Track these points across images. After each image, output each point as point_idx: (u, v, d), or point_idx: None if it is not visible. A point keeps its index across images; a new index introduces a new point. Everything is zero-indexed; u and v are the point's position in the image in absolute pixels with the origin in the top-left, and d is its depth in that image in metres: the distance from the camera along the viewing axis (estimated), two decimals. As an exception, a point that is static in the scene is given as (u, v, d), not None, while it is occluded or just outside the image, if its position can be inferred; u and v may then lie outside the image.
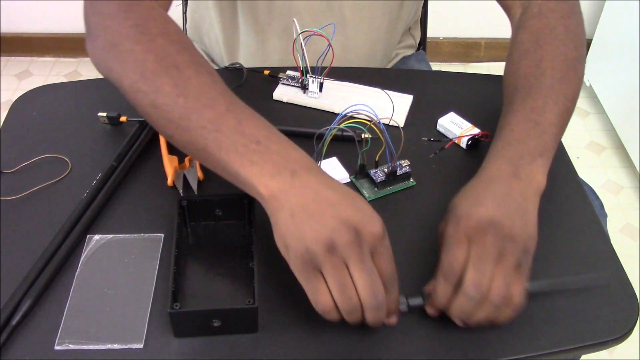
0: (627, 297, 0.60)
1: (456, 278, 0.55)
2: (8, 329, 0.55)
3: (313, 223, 0.51)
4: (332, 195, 0.52)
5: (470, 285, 0.53)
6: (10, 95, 1.94)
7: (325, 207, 0.51)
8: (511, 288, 0.54)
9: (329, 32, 0.73)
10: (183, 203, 0.62)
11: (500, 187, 0.58)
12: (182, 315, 0.54)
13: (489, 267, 0.54)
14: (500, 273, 0.54)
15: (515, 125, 0.64)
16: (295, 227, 0.51)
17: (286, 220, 0.52)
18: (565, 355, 0.57)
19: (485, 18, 2.04)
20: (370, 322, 0.53)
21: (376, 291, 0.51)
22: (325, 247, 0.50)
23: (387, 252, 0.53)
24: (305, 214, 0.51)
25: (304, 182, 0.53)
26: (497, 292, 0.54)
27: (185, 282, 0.59)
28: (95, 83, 0.84)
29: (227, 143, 0.55)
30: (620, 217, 1.62)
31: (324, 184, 0.53)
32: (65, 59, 2.09)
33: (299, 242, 0.51)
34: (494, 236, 0.54)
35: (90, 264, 0.61)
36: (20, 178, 0.69)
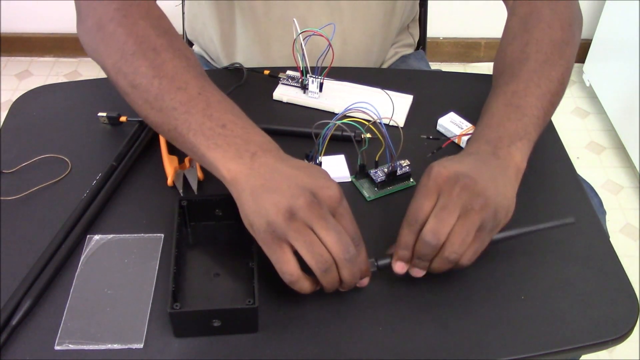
0: (627, 297, 0.60)
1: (419, 226, 0.56)
2: (8, 329, 0.55)
3: (271, 196, 0.52)
4: (289, 170, 0.55)
5: (427, 232, 0.55)
6: (10, 95, 1.94)
7: (282, 181, 0.53)
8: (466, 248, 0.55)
9: (329, 32, 0.73)
10: (183, 203, 0.62)
11: (480, 158, 0.59)
12: (182, 316, 0.54)
13: (450, 218, 0.54)
14: (460, 228, 0.54)
15: (496, 109, 0.64)
16: (255, 204, 0.53)
17: (247, 200, 0.54)
18: (565, 355, 0.57)
19: (485, 18, 2.04)
20: (346, 280, 0.54)
21: (346, 244, 0.53)
22: (285, 215, 0.51)
23: (347, 213, 0.55)
24: (263, 190, 0.53)
25: (262, 162, 0.55)
26: (451, 250, 0.55)
27: (185, 282, 0.59)
28: (95, 83, 0.84)
29: (195, 125, 0.57)
30: (620, 217, 1.62)
31: (282, 162, 0.56)
32: (65, 59, 2.09)
33: (260, 216, 0.52)
34: (462, 188, 0.55)
35: (90, 264, 0.61)
36: (20, 178, 0.69)
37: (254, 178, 0.54)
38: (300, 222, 0.52)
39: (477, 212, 0.54)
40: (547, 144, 0.76)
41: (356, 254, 0.54)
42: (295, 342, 0.56)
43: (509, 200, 0.57)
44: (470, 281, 0.61)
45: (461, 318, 0.58)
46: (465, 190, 0.55)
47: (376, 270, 0.59)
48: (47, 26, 2.04)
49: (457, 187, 0.55)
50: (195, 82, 0.60)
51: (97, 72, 0.67)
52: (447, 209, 0.55)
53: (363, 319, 0.58)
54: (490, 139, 0.61)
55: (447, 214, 0.55)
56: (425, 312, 0.58)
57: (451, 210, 0.55)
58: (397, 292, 0.60)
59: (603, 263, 0.63)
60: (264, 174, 0.54)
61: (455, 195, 0.55)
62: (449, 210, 0.55)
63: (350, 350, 0.56)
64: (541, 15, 0.70)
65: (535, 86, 0.65)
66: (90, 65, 2.04)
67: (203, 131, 0.57)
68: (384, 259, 0.59)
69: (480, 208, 0.54)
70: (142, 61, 0.61)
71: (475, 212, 0.54)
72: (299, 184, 0.53)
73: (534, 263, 0.63)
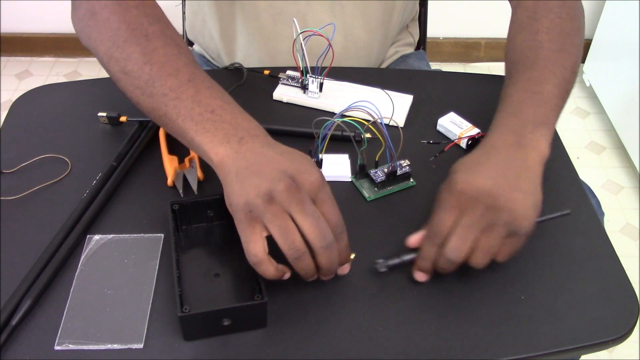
0: (627, 297, 0.60)
1: (440, 240, 0.57)
2: (8, 329, 0.55)
3: (253, 178, 0.53)
4: (274, 154, 0.56)
5: (450, 249, 0.56)
6: (10, 95, 1.94)
7: (265, 165, 0.54)
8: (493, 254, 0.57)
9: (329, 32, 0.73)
10: (175, 207, 0.62)
11: (502, 156, 0.59)
12: (192, 318, 0.53)
13: (473, 235, 0.56)
14: (486, 242, 0.56)
15: (515, 96, 0.65)
16: (238, 185, 0.54)
17: (232, 181, 0.55)
18: (565, 355, 0.57)
19: (485, 18, 2.04)
20: (322, 267, 0.55)
21: (323, 231, 0.53)
22: (264, 197, 0.52)
23: (329, 199, 0.55)
24: (247, 172, 0.54)
25: (249, 147, 0.56)
26: (477, 262, 0.57)
27: (187, 285, 0.59)
28: (95, 83, 0.84)
29: (185, 111, 0.59)
30: (620, 217, 1.62)
31: (268, 147, 0.57)
32: (65, 59, 2.09)
33: (240, 196, 0.53)
34: (485, 207, 0.56)
35: (90, 264, 0.61)
36: (20, 178, 0.69)
37: (239, 161, 0.55)
38: (278, 206, 0.52)
39: (502, 226, 0.56)
40: (547, 144, 0.76)
41: (333, 241, 0.54)
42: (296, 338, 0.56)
43: (535, 197, 0.58)
44: (471, 281, 0.61)
45: (461, 318, 0.58)
46: (490, 210, 0.56)
47: (386, 271, 0.60)
48: (47, 26, 2.04)
49: (481, 206, 0.56)
50: (185, 69, 0.61)
51: (97, 72, 0.67)
52: (471, 227, 0.56)
53: (363, 319, 0.58)
54: (513, 127, 0.62)
55: (470, 232, 0.56)
56: (425, 312, 0.58)
57: (474, 229, 0.56)
58: (397, 292, 0.60)
59: (603, 263, 0.63)
60: (249, 158, 0.55)
61: (478, 215, 0.56)
62: (472, 229, 0.56)
63: (351, 350, 0.56)
64: (550, 6, 0.71)
65: (551, 74, 0.66)
66: (90, 65, 2.04)
67: (192, 116, 0.58)
68: (394, 260, 0.60)
69: (505, 222, 0.56)
70: (134, 47, 0.62)
71: (501, 226, 0.56)
72: (281, 169, 0.54)
73: (534, 263, 0.63)
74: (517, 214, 0.56)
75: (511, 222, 0.56)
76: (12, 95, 1.94)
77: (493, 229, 0.56)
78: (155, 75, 0.61)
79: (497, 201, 0.56)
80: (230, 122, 0.58)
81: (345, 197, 0.69)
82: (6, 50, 2.08)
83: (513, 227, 0.56)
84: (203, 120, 0.58)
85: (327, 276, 0.57)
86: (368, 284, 0.60)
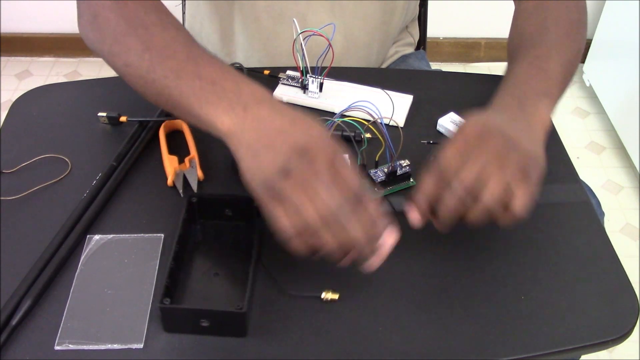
0: (627, 297, 0.60)
1: (446, 176, 0.54)
2: (8, 329, 0.55)
3: (267, 153, 0.53)
4: (283, 123, 0.54)
5: (457, 180, 0.53)
6: (10, 95, 1.94)
7: (276, 136, 0.53)
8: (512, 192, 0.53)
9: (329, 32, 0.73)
10: (193, 200, 0.62)
11: (507, 115, 0.60)
12: (170, 311, 0.54)
13: (482, 167, 0.53)
14: (499, 175, 0.53)
15: (520, 70, 0.66)
16: (252, 161, 0.53)
17: (245, 156, 0.54)
18: (565, 355, 0.57)
19: (485, 18, 2.04)
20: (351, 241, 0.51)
21: (340, 202, 0.51)
22: (281, 174, 0.51)
23: (345, 165, 0.53)
24: (259, 145, 0.53)
25: (255, 115, 0.55)
26: (490, 196, 0.53)
27: (184, 279, 0.59)
28: (95, 83, 0.84)
29: (187, 88, 0.58)
30: (620, 217, 1.62)
31: (275, 112, 0.55)
32: (65, 59, 2.09)
33: (257, 174, 0.53)
34: (498, 144, 0.54)
35: (90, 264, 0.61)
36: (20, 178, 0.69)
37: (248, 132, 0.55)
38: (295, 181, 0.51)
39: (516, 164, 0.54)
40: (547, 144, 0.76)
41: (352, 211, 0.51)
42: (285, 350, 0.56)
43: (541, 150, 0.57)
44: (470, 281, 0.61)
45: (461, 318, 0.58)
46: (502, 147, 0.54)
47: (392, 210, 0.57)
48: (47, 26, 2.04)
49: (493, 143, 0.54)
50: (183, 48, 0.61)
51: (97, 72, 0.67)
52: (482, 163, 0.54)
53: (363, 319, 0.58)
54: (515, 95, 0.62)
55: (481, 167, 0.53)
56: (425, 312, 0.58)
57: (486, 165, 0.53)
58: (397, 292, 0.60)
59: (603, 263, 0.63)
60: (258, 128, 0.54)
61: (491, 152, 0.54)
62: (484, 165, 0.53)
63: (351, 351, 0.56)
64: None
65: (557, 53, 0.67)
66: (90, 65, 2.04)
67: (194, 92, 0.58)
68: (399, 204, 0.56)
69: (518, 161, 0.54)
70: (133, 38, 0.62)
71: (514, 164, 0.54)
72: (293, 142, 0.52)
73: (534, 263, 0.63)
74: (530, 154, 0.55)
75: (524, 162, 0.54)
76: (12, 95, 1.94)
77: (507, 167, 0.53)
78: (155, 60, 0.61)
79: (509, 140, 0.54)
80: (232, 91, 0.57)
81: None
82: (6, 50, 2.08)
83: (525, 165, 0.54)
84: (205, 93, 0.57)
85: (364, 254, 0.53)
86: (367, 284, 0.60)
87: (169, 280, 0.56)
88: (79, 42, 0.69)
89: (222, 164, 0.71)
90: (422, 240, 0.64)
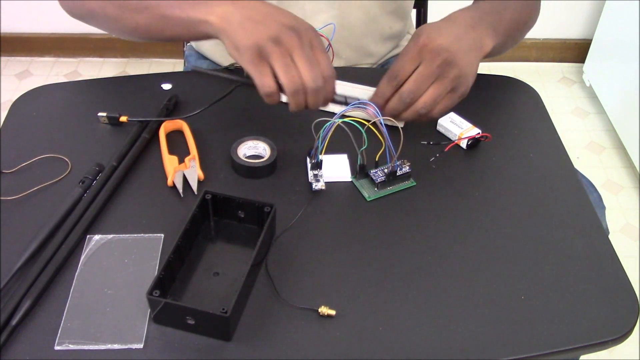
0: (627, 297, 0.60)
1: (397, 83, 0.68)
2: (8, 329, 0.55)
3: (261, 27, 0.62)
4: (271, 9, 0.64)
5: (406, 91, 0.67)
6: (10, 95, 1.94)
7: (267, 16, 0.63)
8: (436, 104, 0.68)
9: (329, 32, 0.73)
10: (207, 197, 0.62)
11: (460, 29, 0.70)
12: (158, 304, 0.54)
13: (427, 83, 0.67)
14: (434, 90, 0.67)
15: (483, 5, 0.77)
16: (245, 31, 0.62)
17: (236, 29, 0.63)
18: (565, 355, 0.57)
19: (485, 18, 2.04)
20: (310, 104, 0.65)
21: (316, 75, 0.63)
22: (273, 40, 0.61)
23: (322, 47, 0.65)
24: (252, 22, 0.62)
25: (241, 3, 0.64)
26: (423, 104, 0.68)
27: (184, 274, 0.59)
28: (95, 83, 0.84)
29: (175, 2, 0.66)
30: (620, 217, 1.62)
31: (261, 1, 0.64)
32: (65, 59, 2.09)
33: (249, 39, 0.62)
34: (442, 60, 0.66)
35: (90, 264, 0.61)
36: (20, 178, 0.69)
37: (240, 13, 0.63)
38: (284, 48, 0.62)
39: (451, 80, 0.67)
40: (547, 144, 0.76)
41: (323, 85, 0.64)
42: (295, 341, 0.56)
43: (475, 70, 0.70)
44: (470, 281, 0.61)
45: (461, 318, 0.58)
46: (445, 63, 0.66)
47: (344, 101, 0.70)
48: (47, 26, 2.04)
49: (439, 59, 0.66)
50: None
51: (97, 72, 0.67)
52: (426, 76, 0.67)
53: (363, 319, 0.58)
54: (472, 15, 0.73)
55: (424, 80, 0.67)
56: (425, 312, 0.58)
57: (429, 77, 0.67)
58: (397, 292, 0.60)
59: (603, 263, 0.63)
60: (249, 9, 0.63)
61: (435, 67, 0.66)
62: (427, 77, 0.67)
63: (350, 351, 0.56)
64: None
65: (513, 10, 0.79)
66: (90, 65, 2.04)
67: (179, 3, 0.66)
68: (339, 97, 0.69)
69: (454, 77, 0.67)
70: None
71: (449, 80, 0.67)
72: (281, 20, 0.62)
73: (534, 263, 0.63)
74: (465, 73, 0.68)
75: (458, 78, 0.67)
76: (12, 95, 1.94)
77: (443, 81, 0.67)
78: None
79: (453, 57, 0.66)
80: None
81: (345, 197, 0.69)
82: (6, 50, 2.08)
83: (458, 83, 0.68)
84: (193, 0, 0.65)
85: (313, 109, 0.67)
86: (368, 284, 0.60)
87: (165, 272, 0.56)
88: (79, 42, 0.70)
89: (222, 164, 0.71)
90: (423, 241, 0.64)
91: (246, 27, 0.62)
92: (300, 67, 0.62)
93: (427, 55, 0.66)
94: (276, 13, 0.63)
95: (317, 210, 0.67)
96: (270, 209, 0.61)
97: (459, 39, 0.68)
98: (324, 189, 0.68)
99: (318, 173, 0.69)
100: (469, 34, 0.70)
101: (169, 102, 0.78)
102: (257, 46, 0.61)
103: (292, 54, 0.62)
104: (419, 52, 0.67)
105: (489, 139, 0.75)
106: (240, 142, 0.72)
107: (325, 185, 0.69)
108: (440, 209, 0.68)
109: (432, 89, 0.67)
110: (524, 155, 0.75)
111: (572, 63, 2.09)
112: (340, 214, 0.67)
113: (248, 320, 0.57)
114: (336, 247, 0.64)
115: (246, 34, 0.62)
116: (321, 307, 0.58)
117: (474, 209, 0.68)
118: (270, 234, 0.63)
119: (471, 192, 0.70)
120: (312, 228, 0.65)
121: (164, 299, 0.54)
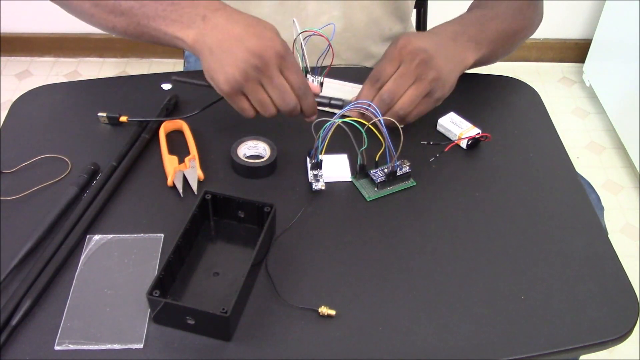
0: (627, 297, 0.60)
1: (379, 85, 0.71)
2: (8, 329, 0.55)
3: (227, 58, 0.64)
4: (239, 30, 0.65)
5: (386, 91, 0.70)
6: (10, 95, 1.94)
7: (234, 43, 0.64)
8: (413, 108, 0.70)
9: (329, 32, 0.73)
10: (207, 197, 0.62)
11: (441, 39, 0.73)
12: (158, 304, 0.54)
13: (406, 84, 0.69)
14: (412, 92, 0.70)
15: (466, 17, 0.80)
16: (215, 63, 0.65)
17: (208, 58, 0.65)
18: (565, 355, 0.57)
19: (485, 18, 2.04)
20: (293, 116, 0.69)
21: (287, 99, 0.66)
22: (241, 75, 0.64)
23: (293, 65, 0.66)
24: (220, 50, 0.64)
25: (213, 24, 0.66)
26: (401, 105, 0.70)
27: (184, 274, 0.59)
28: (95, 83, 0.84)
29: (152, 13, 0.68)
30: (620, 217, 1.62)
31: (230, 20, 0.66)
32: (65, 59, 2.09)
33: (220, 74, 0.64)
34: (421, 61, 0.68)
35: (90, 264, 0.61)
36: (20, 178, 0.69)
37: (209, 38, 0.65)
38: (254, 81, 0.64)
39: (429, 82, 0.69)
40: (547, 144, 0.76)
41: (297, 104, 0.67)
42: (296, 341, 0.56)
43: (453, 79, 0.72)
44: (470, 281, 0.61)
45: (461, 318, 0.58)
46: (423, 64, 0.68)
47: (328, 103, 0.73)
48: (47, 26, 2.04)
49: (417, 59, 0.68)
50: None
51: (97, 72, 0.67)
52: (405, 76, 0.69)
53: (363, 319, 0.58)
54: (454, 28, 0.76)
55: (404, 80, 0.69)
56: (425, 312, 0.58)
57: (408, 78, 0.69)
58: (396, 292, 0.60)
59: (603, 263, 0.63)
60: (217, 35, 0.65)
61: (414, 67, 0.69)
62: (406, 78, 0.69)
63: (350, 351, 0.56)
64: None
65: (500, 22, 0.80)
66: (90, 65, 2.04)
67: (158, 14, 0.67)
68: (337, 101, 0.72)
69: (431, 79, 0.69)
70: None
71: (427, 82, 0.69)
72: (248, 47, 0.63)
73: (533, 263, 0.63)
74: (443, 76, 0.70)
75: (436, 81, 0.69)
76: (12, 95, 1.94)
77: (421, 83, 0.69)
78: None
79: (431, 60, 0.68)
80: (189, 5, 0.67)
81: (345, 197, 0.69)
82: (6, 50, 2.08)
83: (435, 86, 0.69)
84: (167, 14, 0.67)
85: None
86: (368, 284, 0.60)
87: (165, 272, 0.56)
88: (79, 42, 0.70)
89: (222, 164, 0.72)
90: (423, 241, 0.64)
91: (216, 57, 0.64)
92: (271, 95, 0.66)
93: (406, 56, 0.69)
94: (246, 36, 0.64)
95: (317, 210, 0.67)
96: (270, 209, 0.61)
97: (438, 45, 0.70)
98: (324, 189, 0.69)
99: (318, 173, 0.69)
100: (449, 45, 0.73)
101: (169, 102, 0.78)
102: (229, 83, 0.64)
103: (263, 84, 0.65)
104: (399, 54, 0.69)
105: (489, 139, 0.75)
106: (240, 142, 0.72)
107: (325, 185, 0.69)
108: (440, 209, 0.68)
109: (410, 91, 0.69)
110: (524, 155, 0.75)
111: (572, 63, 2.09)
112: (340, 214, 0.67)
113: (248, 320, 0.57)
114: (336, 247, 0.64)
115: (217, 66, 0.64)
116: (321, 307, 0.58)
117: (473, 209, 0.68)
118: (270, 234, 0.63)
119: (471, 192, 0.70)
120: (312, 228, 0.65)
121: (164, 299, 0.54)
